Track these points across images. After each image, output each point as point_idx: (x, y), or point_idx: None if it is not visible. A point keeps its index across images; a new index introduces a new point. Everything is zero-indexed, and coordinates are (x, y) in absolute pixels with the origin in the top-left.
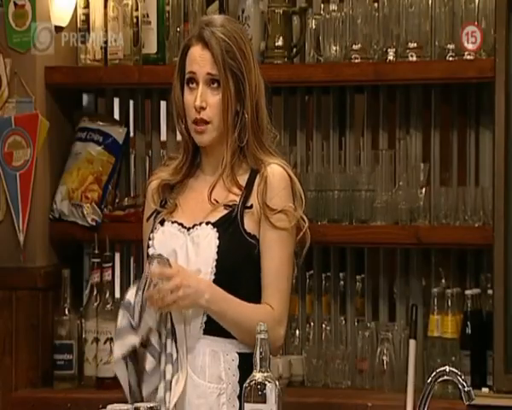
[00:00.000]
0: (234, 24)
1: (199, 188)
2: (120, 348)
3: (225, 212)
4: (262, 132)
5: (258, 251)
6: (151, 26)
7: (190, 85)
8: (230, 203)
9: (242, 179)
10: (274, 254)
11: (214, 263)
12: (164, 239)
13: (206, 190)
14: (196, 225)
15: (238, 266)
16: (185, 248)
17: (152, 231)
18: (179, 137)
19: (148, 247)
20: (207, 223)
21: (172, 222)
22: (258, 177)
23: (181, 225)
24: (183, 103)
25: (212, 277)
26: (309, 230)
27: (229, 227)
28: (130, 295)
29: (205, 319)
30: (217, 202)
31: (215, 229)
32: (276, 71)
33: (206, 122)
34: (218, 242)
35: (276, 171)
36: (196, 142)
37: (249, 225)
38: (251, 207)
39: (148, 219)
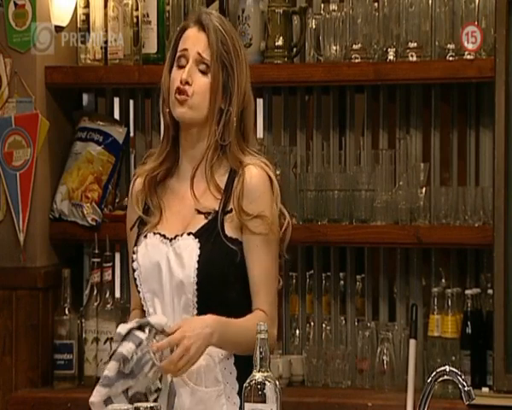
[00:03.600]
0: (231, 25)
1: (181, 189)
2: (101, 394)
3: (206, 221)
4: (247, 142)
5: (241, 254)
6: (151, 25)
7: (179, 64)
8: (211, 210)
9: (221, 181)
10: (259, 260)
11: (196, 272)
12: (147, 252)
13: (187, 191)
14: (178, 236)
15: (221, 274)
16: (167, 260)
17: (136, 243)
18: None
19: (133, 261)
20: (189, 233)
21: (155, 233)
22: (236, 179)
23: (163, 236)
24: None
25: (195, 286)
26: (291, 222)
27: (210, 236)
28: (127, 349)
29: None
30: (198, 211)
31: (196, 239)
32: (276, 71)
33: (187, 95)
34: (199, 251)
35: (253, 173)
36: (175, 115)
37: (230, 229)
38: (231, 211)
39: (131, 227)
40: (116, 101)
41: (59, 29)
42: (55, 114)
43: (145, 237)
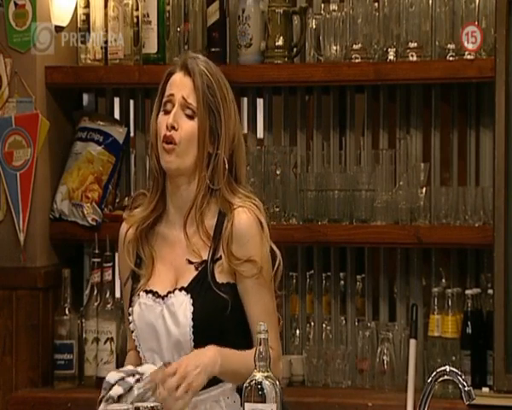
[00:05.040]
0: (217, 69)
1: (171, 236)
2: None
3: (196, 273)
4: (239, 184)
5: (234, 297)
6: (151, 25)
7: (165, 109)
8: (201, 260)
9: (210, 224)
10: (256, 300)
11: (191, 330)
12: (141, 313)
13: (177, 237)
14: (170, 293)
15: (217, 325)
16: (162, 319)
17: (130, 304)
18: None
19: (129, 322)
20: (181, 289)
21: (147, 292)
22: (224, 223)
23: (156, 294)
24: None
25: (192, 343)
26: (281, 261)
27: (201, 289)
28: (115, 392)
29: None
30: (189, 262)
31: (189, 295)
32: (276, 71)
33: (175, 143)
34: (192, 308)
35: (242, 217)
36: (163, 165)
37: (221, 276)
38: (220, 258)
39: (125, 283)
40: (116, 101)
41: (59, 29)
42: (56, 114)
43: (138, 295)
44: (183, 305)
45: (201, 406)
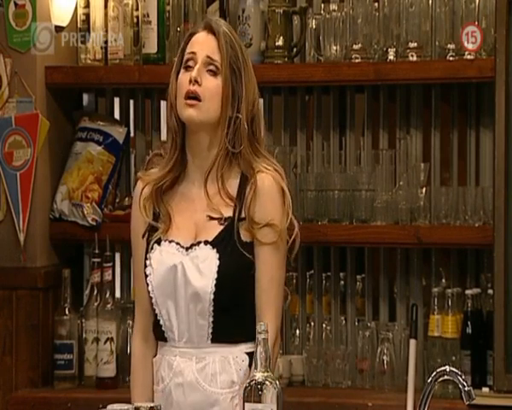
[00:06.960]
0: (236, 33)
1: (190, 193)
2: None
3: (221, 228)
4: (259, 145)
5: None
6: (151, 25)
7: (187, 65)
8: (225, 216)
9: (232, 186)
10: (266, 269)
11: (214, 283)
12: (161, 258)
13: (197, 197)
14: (194, 245)
15: (239, 282)
16: (183, 269)
17: (148, 251)
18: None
19: (146, 266)
20: (206, 242)
21: (170, 242)
22: (248, 186)
23: (178, 244)
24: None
25: (212, 296)
26: (300, 233)
27: (227, 245)
28: None
29: (211, 330)
30: (210, 218)
31: (215, 249)
32: (276, 71)
33: (198, 100)
34: (218, 262)
35: (266, 182)
36: (184, 118)
37: (245, 234)
38: (245, 218)
39: (143, 235)
40: (116, 101)
41: (59, 29)
42: (56, 114)
43: (158, 244)
44: (209, 259)
45: (209, 358)
